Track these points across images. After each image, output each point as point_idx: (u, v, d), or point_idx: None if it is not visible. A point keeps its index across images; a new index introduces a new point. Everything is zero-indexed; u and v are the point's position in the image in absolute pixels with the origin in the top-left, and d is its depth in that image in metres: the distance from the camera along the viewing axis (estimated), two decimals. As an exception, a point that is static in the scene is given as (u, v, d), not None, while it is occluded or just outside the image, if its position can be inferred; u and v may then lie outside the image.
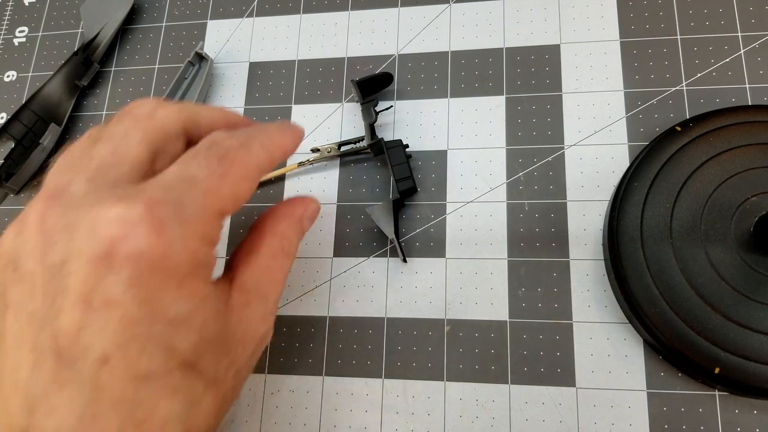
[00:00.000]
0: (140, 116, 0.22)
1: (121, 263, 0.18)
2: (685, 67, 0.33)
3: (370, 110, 0.34)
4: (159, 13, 0.41)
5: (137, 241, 0.18)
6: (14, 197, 0.39)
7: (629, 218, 0.29)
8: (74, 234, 0.18)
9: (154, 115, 0.22)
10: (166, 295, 0.18)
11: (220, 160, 0.21)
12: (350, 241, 0.34)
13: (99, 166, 0.20)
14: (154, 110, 0.22)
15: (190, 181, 0.20)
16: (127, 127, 0.21)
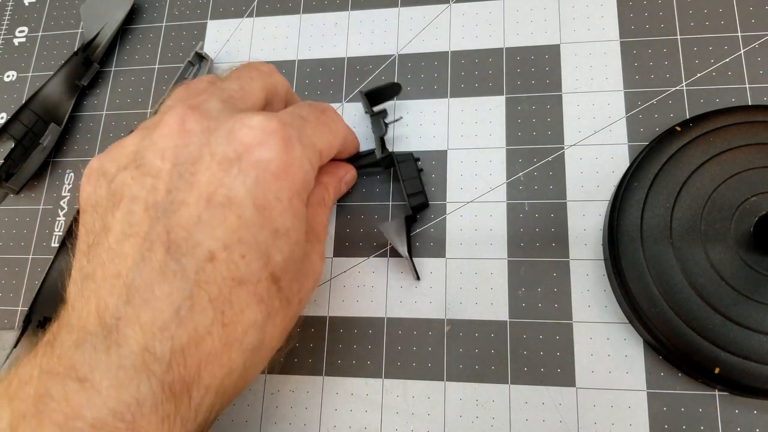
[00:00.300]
0: (263, 71, 0.26)
1: (250, 166, 0.20)
2: (685, 67, 0.33)
3: (380, 122, 0.32)
4: (159, 13, 0.41)
5: (269, 149, 0.20)
6: (14, 197, 0.39)
7: (629, 218, 0.29)
8: (212, 137, 0.21)
9: (272, 75, 0.27)
10: (278, 206, 0.20)
11: (321, 115, 0.25)
12: (350, 241, 0.34)
13: (229, 96, 0.23)
14: (272, 72, 0.27)
15: (303, 119, 0.24)
16: (252, 75, 0.25)
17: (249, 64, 0.27)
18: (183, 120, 0.21)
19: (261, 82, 0.25)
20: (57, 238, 0.37)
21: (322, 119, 0.25)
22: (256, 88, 0.25)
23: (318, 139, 0.24)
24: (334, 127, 0.26)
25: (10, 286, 0.37)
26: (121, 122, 0.39)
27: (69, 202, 0.38)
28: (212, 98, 0.23)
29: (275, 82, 0.27)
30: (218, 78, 0.26)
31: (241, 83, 0.25)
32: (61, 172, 0.39)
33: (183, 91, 0.24)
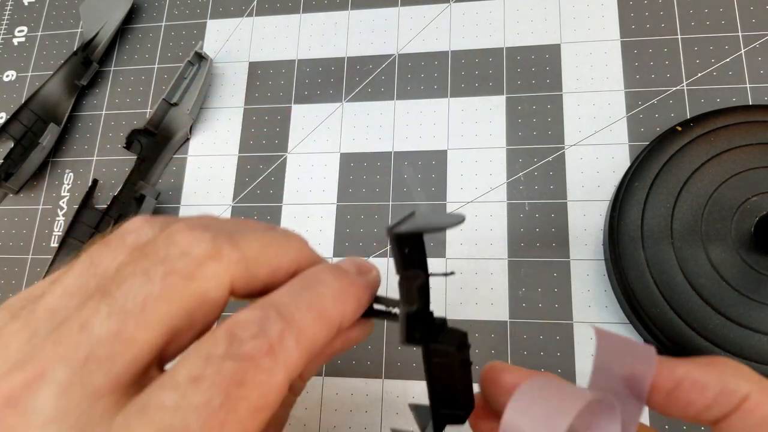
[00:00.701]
0: (177, 275, 0.14)
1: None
2: (685, 67, 0.33)
3: (411, 289, 0.17)
4: (158, 12, 0.41)
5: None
6: (13, 197, 0.39)
7: (630, 218, 0.29)
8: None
9: (199, 273, 0.15)
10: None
11: (228, 391, 0.14)
12: (350, 241, 0.34)
13: (89, 357, 0.13)
14: (202, 264, 0.15)
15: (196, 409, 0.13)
16: (149, 296, 0.14)
17: (152, 255, 0.15)
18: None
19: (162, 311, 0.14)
20: (56, 238, 0.37)
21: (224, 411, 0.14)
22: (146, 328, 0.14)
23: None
24: (255, 399, 0.14)
25: (10, 286, 0.37)
26: (120, 122, 0.39)
27: (68, 201, 0.38)
28: (55, 367, 0.13)
29: (205, 289, 0.15)
30: (134, 262, 0.15)
31: (121, 323, 0.14)
32: (61, 172, 0.39)
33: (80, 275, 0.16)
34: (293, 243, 0.18)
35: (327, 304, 0.16)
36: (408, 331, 0.18)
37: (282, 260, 0.17)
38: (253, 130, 0.37)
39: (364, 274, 0.19)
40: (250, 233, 0.17)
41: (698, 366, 0.16)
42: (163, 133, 0.38)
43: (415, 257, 0.18)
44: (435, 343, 0.18)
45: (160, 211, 0.36)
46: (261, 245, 0.16)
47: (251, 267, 0.16)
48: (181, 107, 0.38)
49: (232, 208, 0.36)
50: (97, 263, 0.16)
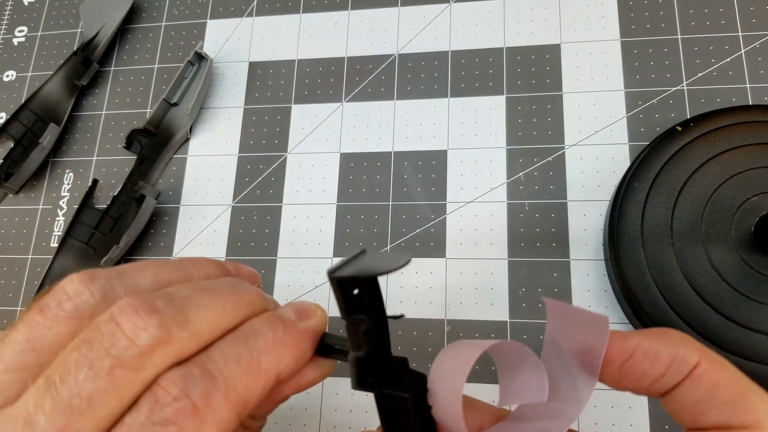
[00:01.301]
0: (125, 365, 0.14)
1: None
2: (685, 67, 0.33)
3: (358, 335, 0.17)
4: (158, 12, 0.41)
5: None
6: (13, 197, 0.39)
7: (630, 218, 0.29)
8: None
9: (148, 362, 0.14)
10: None
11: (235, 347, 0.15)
12: (350, 241, 0.34)
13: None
14: (151, 353, 0.14)
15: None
16: (98, 389, 0.14)
17: (103, 346, 0.14)
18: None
19: (111, 404, 0.14)
20: (56, 238, 0.37)
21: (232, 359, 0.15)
22: (93, 423, 0.14)
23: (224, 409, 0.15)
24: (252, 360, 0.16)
25: (10, 286, 0.37)
26: (120, 122, 0.39)
27: (68, 201, 0.38)
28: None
29: (148, 377, 0.14)
30: (77, 348, 0.14)
31: (65, 422, 0.13)
32: (61, 172, 0.39)
33: (19, 347, 0.15)
34: (245, 298, 0.17)
35: (259, 356, 0.16)
36: (359, 375, 0.17)
37: (233, 321, 0.17)
38: (253, 130, 0.37)
39: (306, 318, 0.18)
40: (203, 299, 0.16)
41: (649, 336, 0.16)
42: (163, 133, 0.38)
43: (367, 299, 0.16)
44: (388, 389, 0.17)
45: (160, 212, 0.36)
46: (213, 314, 0.16)
47: (202, 339, 0.16)
48: (181, 107, 0.38)
49: (232, 208, 0.36)
50: (35, 336, 0.15)
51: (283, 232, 0.34)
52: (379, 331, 0.17)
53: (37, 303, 0.16)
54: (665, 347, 0.15)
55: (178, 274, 0.18)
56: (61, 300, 0.16)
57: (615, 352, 0.15)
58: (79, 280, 0.16)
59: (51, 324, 0.15)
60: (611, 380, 0.16)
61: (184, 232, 0.36)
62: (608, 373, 0.16)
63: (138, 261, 0.17)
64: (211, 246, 0.35)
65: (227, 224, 0.35)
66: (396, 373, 0.17)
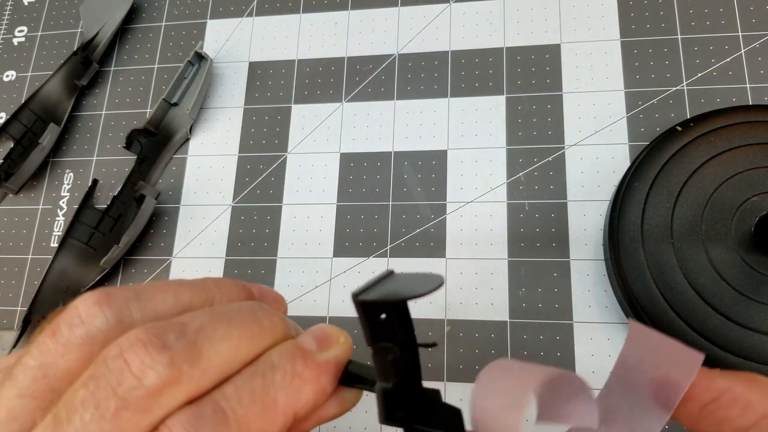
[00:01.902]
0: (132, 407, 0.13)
1: None
2: (685, 67, 0.33)
3: (385, 364, 0.15)
4: (158, 12, 0.41)
5: None
6: (13, 197, 0.39)
7: (630, 218, 0.29)
8: None
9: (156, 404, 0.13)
10: None
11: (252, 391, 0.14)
12: (350, 241, 0.34)
13: None
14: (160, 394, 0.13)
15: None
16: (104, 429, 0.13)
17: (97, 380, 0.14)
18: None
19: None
20: (56, 238, 0.37)
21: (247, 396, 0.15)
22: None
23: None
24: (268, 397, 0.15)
25: (10, 286, 0.37)
26: (120, 122, 0.39)
27: (68, 201, 0.38)
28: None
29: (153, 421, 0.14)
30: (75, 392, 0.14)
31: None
32: (61, 172, 0.39)
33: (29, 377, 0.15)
34: (266, 326, 0.16)
35: (276, 394, 0.15)
36: (387, 409, 0.15)
37: (251, 352, 0.15)
38: (253, 130, 0.37)
39: (327, 347, 0.17)
40: (218, 330, 0.15)
41: (742, 381, 0.14)
42: (163, 133, 0.38)
43: (395, 325, 0.15)
44: (420, 425, 0.15)
45: (160, 212, 0.36)
46: (229, 347, 0.15)
47: (216, 375, 0.15)
48: (181, 107, 0.38)
49: (232, 208, 0.36)
50: (47, 364, 0.15)
51: (283, 232, 0.34)
52: (409, 361, 0.15)
53: (50, 325, 0.15)
54: (758, 396, 0.14)
55: (199, 297, 0.17)
56: (73, 324, 0.15)
57: (699, 391, 0.14)
58: (94, 301, 0.15)
59: (63, 351, 0.15)
60: (687, 419, 0.15)
61: (184, 232, 0.36)
62: (686, 411, 0.15)
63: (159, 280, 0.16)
64: (211, 246, 0.35)
65: (227, 224, 0.35)
66: (428, 406, 0.16)
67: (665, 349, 0.14)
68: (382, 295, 0.14)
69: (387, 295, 0.14)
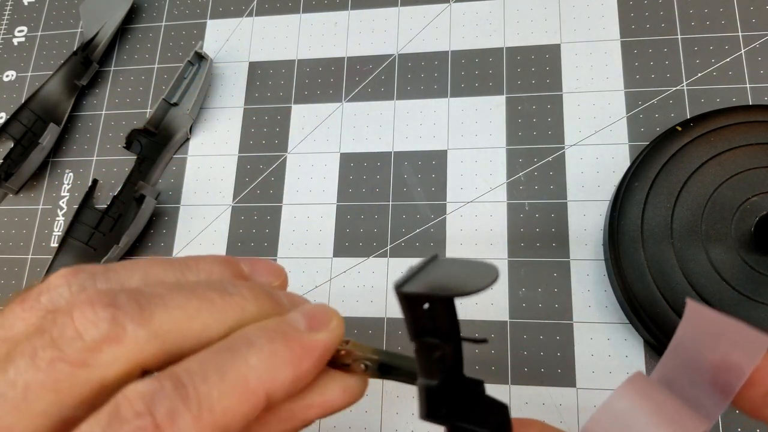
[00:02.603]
0: (66, 359, 0.13)
1: None
2: (685, 67, 0.33)
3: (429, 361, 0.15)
4: (158, 12, 0.41)
5: None
6: (13, 197, 0.39)
7: (630, 218, 0.29)
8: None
9: (93, 359, 0.13)
10: None
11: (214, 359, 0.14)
12: (350, 241, 0.34)
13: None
14: (97, 349, 0.13)
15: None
16: (34, 381, 0.13)
17: (48, 338, 0.13)
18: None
19: (48, 397, 0.13)
20: (56, 238, 0.37)
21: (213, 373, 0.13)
22: (28, 416, 0.13)
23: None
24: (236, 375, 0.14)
25: (10, 286, 0.37)
26: (120, 122, 0.39)
27: (68, 201, 0.38)
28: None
29: (101, 375, 0.13)
30: (32, 336, 0.14)
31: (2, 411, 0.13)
32: (61, 172, 0.39)
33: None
34: (234, 301, 0.15)
35: (248, 372, 0.14)
36: (430, 406, 0.14)
37: (215, 327, 0.14)
38: (253, 130, 0.37)
39: (317, 329, 0.15)
40: (175, 298, 0.14)
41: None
42: (163, 133, 0.38)
43: (439, 316, 0.14)
44: (465, 423, 0.14)
45: (160, 212, 0.36)
46: (183, 315, 0.14)
47: (169, 342, 0.14)
48: (181, 107, 0.38)
49: (232, 208, 0.36)
50: (8, 326, 0.14)
51: (283, 232, 0.34)
52: (453, 354, 0.14)
53: (21, 294, 0.15)
54: None
55: (170, 273, 0.16)
56: (40, 292, 0.15)
57: (763, 375, 0.13)
58: (63, 273, 0.15)
59: (23, 315, 0.15)
60: (748, 405, 0.14)
61: (184, 232, 0.36)
62: (748, 396, 0.14)
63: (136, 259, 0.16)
64: (211, 246, 0.35)
65: (227, 224, 0.35)
66: (472, 400, 0.14)
67: (728, 331, 0.13)
68: (428, 287, 0.13)
69: (434, 290, 0.13)
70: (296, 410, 0.16)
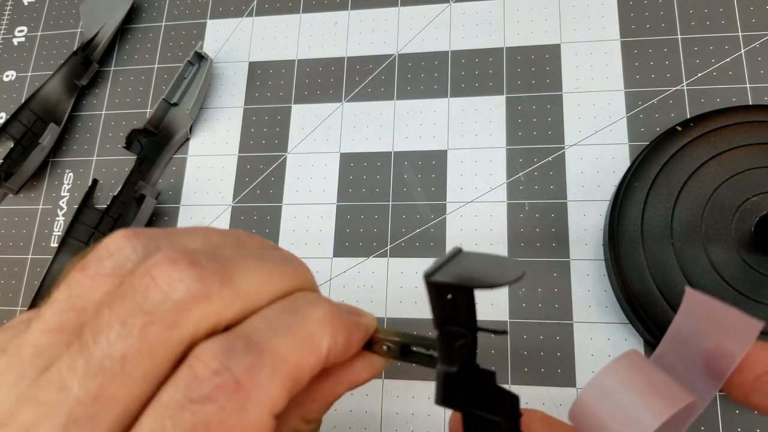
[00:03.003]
0: (159, 322, 0.13)
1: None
2: (685, 67, 0.33)
3: (452, 348, 0.15)
4: (158, 12, 0.41)
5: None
6: (13, 197, 0.39)
7: (630, 218, 0.29)
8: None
9: (184, 320, 0.13)
10: None
11: (279, 318, 0.14)
12: (350, 241, 0.34)
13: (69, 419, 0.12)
14: (187, 309, 0.13)
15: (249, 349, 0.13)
16: (130, 348, 0.13)
17: (135, 304, 0.13)
18: None
19: (145, 365, 0.13)
20: (56, 238, 0.37)
21: (282, 328, 0.14)
22: (129, 385, 0.13)
23: (273, 386, 0.13)
24: (303, 330, 0.14)
25: (10, 286, 0.37)
26: (120, 122, 0.39)
27: (68, 201, 0.38)
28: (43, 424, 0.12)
29: (189, 333, 0.13)
30: (91, 326, 0.13)
31: (100, 381, 0.13)
32: (61, 172, 0.39)
33: (61, 310, 0.14)
34: (297, 270, 0.16)
35: (312, 327, 0.14)
36: (446, 391, 0.15)
37: (282, 290, 0.15)
38: (253, 130, 0.37)
39: (356, 315, 0.17)
40: (249, 261, 0.15)
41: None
42: (163, 133, 0.38)
43: (460, 306, 0.14)
44: (479, 411, 0.15)
45: (160, 212, 0.36)
46: (260, 278, 0.14)
47: (248, 303, 0.14)
48: (181, 107, 0.38)
49: (232, 208, 0.36)
50: (76, 295, 0.14)
51: (283, 232, 0.34)
52: (471, 344, 0.15)
53: (80, 262, 0.15)
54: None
55: (229, 240, 0.16)
56: (102, 257, 0.14)
57: (753, 361, 0.13)
58: (122, 235, 0.15)
59: (91, 283, 0.14)
60: (738, 391, 0.14)
61: (184, 232, 0.36)
62: (738, 382, 0.14)
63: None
64: (211, 246, 0.35)
65: (227, 224, 0.35)
66: (485, 390, 0.15)
67: (723, 318, 0.14)
68: (456, 278, 0.13)
69: (462, 280, 0.13)
70: (328, 387, 0.17)
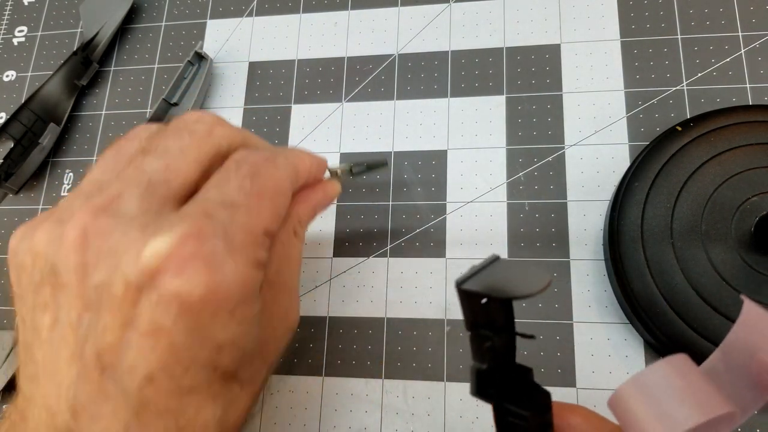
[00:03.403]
0: (198, 134, 0.21)
1: (169, 298, 0.17)
2: (685, 67, 0.33)
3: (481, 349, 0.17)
4: (158, 12, 0.41)
5: (189, 280, 0.17)
6: (13, 197, 0.39)
7: (630, 218, 0.29)
8: (121, 260, 0.17)
9: (212, 133, 0.21)
10: (217, 324, 0.18)
11: (253, 180, 0.20)
12: (350, 241, 0.34)
13: (150, 181, 0.19)
14: (212, 128, 0.22)
15: (231, 206, 0.19)
16: (183, 146, 0.21)
17: (180, 127, 0.22)
18: (86, 234, 0.18)
19: (194, 152, 0.21)
20: (56, 238, 0.37)
21: (256, 190, 0.20)
22: (185, 163, 0.20)
23: (256, 223, 0.20)
24: (273, 184, 0.21)
25: (10, 285, 0.37)
26: (120, 122, 0.39)
27: (68, 202, 0.38)
28: (129, 189, 0.19)
29: (217, 143, 0.22)
30: (153, 142, 0.21)
31: (168, 160, 0.20)
32: (61, 172, 0.39)
33: (109, 160, 0.21)
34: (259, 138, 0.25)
35: (298, 153, 0.25)
36: (479, 385, 0.17)
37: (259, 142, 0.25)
38: (253, 130, 0.37)
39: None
40: (237, 129, 0.23)
41: None
42: (163, 133, 0.38)
43: (494, 311, 0.15)
44: (509, 404, 0.16)
45: (160, 211, 0.36)
46: (236, 130, 0.23)
47: (252, 138, 0.24)
48: (181, 107, 0.38)
49: (232, 208, 0.36)
50: (123, 151, 0.21)
51: (283, 232, 0.34)
52: (505, 347, 0.16)
53: (116, 141, 0.22)
54: None
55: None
56: (134, 132, 0.22)
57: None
58: (142, 126, 0.23)
59: (131, 143, 0.22)
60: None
61: (184, 232, 0.36)
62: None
63: None
64: (211, 246, 0.35)
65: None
66: (519, 385, 0.17)
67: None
68: (486, 287, 0.15)
69: (491, 290, 0.15)
70: (311, 195, 0.26)
